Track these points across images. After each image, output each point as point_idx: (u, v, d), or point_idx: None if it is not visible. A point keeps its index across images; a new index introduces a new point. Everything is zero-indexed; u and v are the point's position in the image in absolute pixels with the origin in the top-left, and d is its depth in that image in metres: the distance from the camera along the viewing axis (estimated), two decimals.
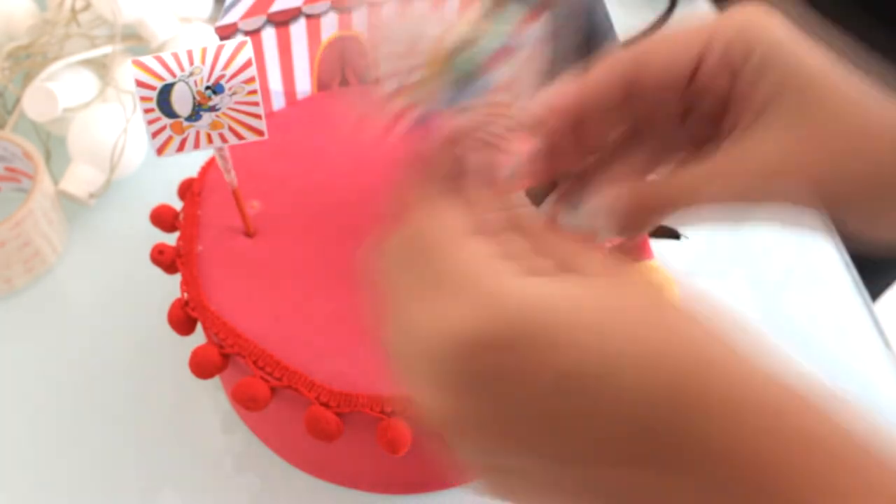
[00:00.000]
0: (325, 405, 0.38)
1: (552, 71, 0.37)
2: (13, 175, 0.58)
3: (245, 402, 0.38)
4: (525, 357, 0.21)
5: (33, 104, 0.56)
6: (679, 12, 0.79)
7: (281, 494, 0.46)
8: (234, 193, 0.42)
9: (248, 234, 0.44)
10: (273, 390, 0.39)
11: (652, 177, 0.31)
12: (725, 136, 0.29)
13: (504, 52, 0.26)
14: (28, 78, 0.60)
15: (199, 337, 0.43)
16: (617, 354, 0.21)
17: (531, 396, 0.21)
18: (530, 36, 0.26)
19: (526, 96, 0.26)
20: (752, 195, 0.28)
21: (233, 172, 0.40)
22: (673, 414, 0.20)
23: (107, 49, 0.59)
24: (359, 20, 0.49)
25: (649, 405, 0.20)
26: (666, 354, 0.21)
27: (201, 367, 0.40)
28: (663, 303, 0.22)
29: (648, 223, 0.30)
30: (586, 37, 0.38)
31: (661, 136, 0.31)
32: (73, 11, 0.60)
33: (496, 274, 0.22)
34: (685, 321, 0.22)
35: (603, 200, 0.29)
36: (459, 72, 0.26)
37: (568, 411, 0.21)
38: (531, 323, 0.21)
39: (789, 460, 0.20)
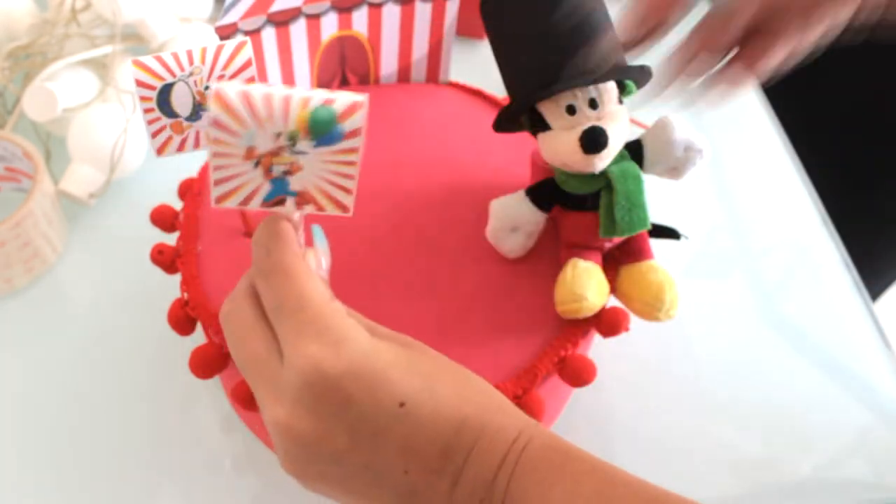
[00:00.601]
0: None
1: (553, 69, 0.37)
2: (13, 175, 0.58)
3: (245, 401, 0.38)
4: (370, 387, 0.29)
5: (33, 104, 0.56)
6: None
7: (281, 494, 0.46)
8: None
9: (248, 234, 0.44)
10: None
11: None
12: None
13: (354, 105, 0.30)
14: (28, 78, 0.60)
15: (199, 337, 0.43)
16: (429, 395, 0.30)
17: (373, 417, 0.29)
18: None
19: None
20: None
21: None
22: (461, 440, 0.30)
23: (107, 49, 0.59)
24: (359, 20, 0.49)
25: (451, 433, 0.30)
26: (453, 403, 0.31)
27: (201, 366, 0.40)
28: (444, 368, 0.32)
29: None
30: (586, 37, 0.38)
31: None
32: (73, 11, 0.60)
33: (349, 327, 0.30)
34: (457, 379, 0.32)
35: None
36: (317, 125, 0.30)
37: (398, 430, 0.30)
38: (376, 363, 0.30)
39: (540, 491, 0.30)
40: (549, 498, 0.29)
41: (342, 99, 0.30)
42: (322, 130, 0.30)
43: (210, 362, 0.40)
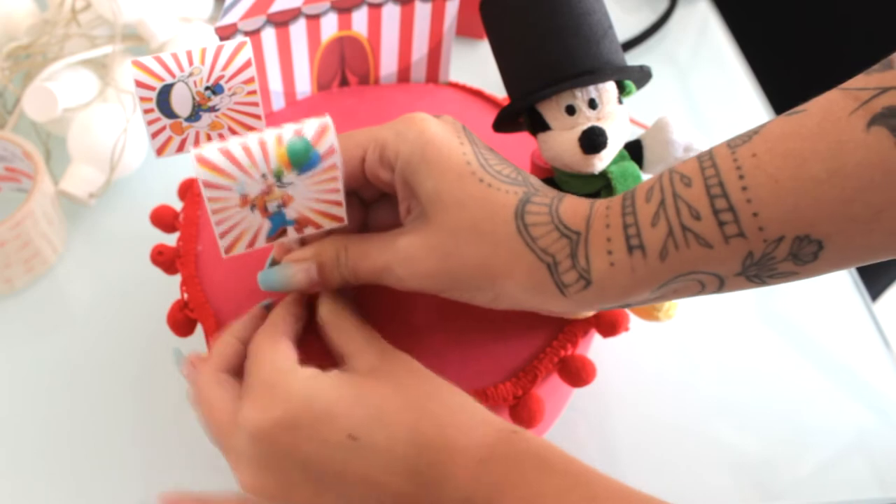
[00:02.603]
0: None
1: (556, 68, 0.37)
2: (13, 175, 0.58)
3: None
4: (312, 428, 0.30)
5: (33, 104, 0.56)
6: (679, 12, 0.79)
7: None
8: None
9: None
10: None
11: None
12: (403, 216, 0.36)
13: (322, 128, 0.32)
14: (28, 78, 0.60)
15: (199, 336, 0.43)
16: (379, 423, 0.31)
17: (327, 456, 0.30)
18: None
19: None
20: (395, 272, 0.34)
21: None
22: (424, 459, 0.30)
23: (107, 49, 0.59)
24: (359, 20, 0.49)
25: (413, 455, 0.30)
26: (408, 425, 0.31)
27: None
28: (400, 391, 0.32)
29: (329, 281, 0.36)
30: (585, 37, 0.38)
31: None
32: (73, 11, 0.60)
33: (284, 378, 0.32)
34: (419, 401, 0.32)
35: (291, 256, 0.36)
36: (296, 156, 0.32)
37: (356, 462, 0.30)
38: (314, 403, 0.31)
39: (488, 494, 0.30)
40: None
41: (309, 125, 0.32)
42: (302, 160, 0.32)
43: None
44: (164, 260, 0.44)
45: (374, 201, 0.39)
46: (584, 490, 0.29)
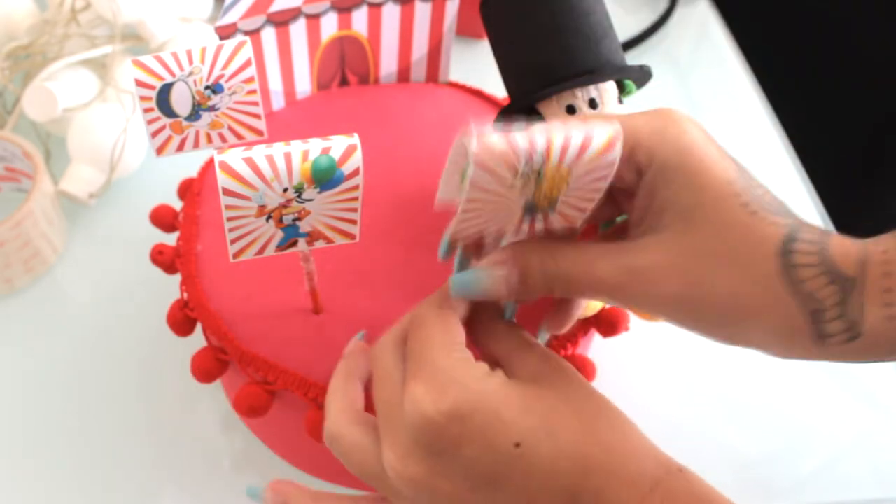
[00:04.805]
0: (323, 408, 0.38)
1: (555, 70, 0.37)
2: (13, 175, 0.58)
3: (246, 411, 0.38)
4: (480, 428, 0.28)
5: (33, 104, 0.56)
6: (679, 12, 0.79)
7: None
8: None
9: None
10: (272, 394, 0.39)
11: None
12: (635, 225, 0.32)
13: (350, 148, 0.31)
14: (28, 78, 0.60)
15: (199, 336, 0.43)
16: (546, 434, 0.29)
17: (489, 459, 0.28)
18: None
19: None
20: (628, 290, 0.31)
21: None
22: (589, 482, 0.28)
23: (107, 49, 0.59)
24: (359, 20, 0.49)
25: (577, 474, 0.28)
26: (575, 443, 0.29)
27: (203, 372, 0.40)
28: (569, 405, 0.30)
29: (530, 291, 0.32)
30: (585, 37, 0.38)
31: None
32: (73, 11, 0.60)
33: (462, 371, 0.29)
34: (586, 417, 0.30)
35: (489, 260, 0.33)
36: (320, 174, 0.32)
37: (516, 471, 0.28)
38: (487, 404, 0.29)
39: None
40: None
41: (338, 144, 0.31)
42: (325, 178, 0.32)
43: (211, 368, 0.40)
44: (165, 259, 0.44)
45: None
46: None
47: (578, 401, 0.30)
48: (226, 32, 0.44)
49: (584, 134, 0.28)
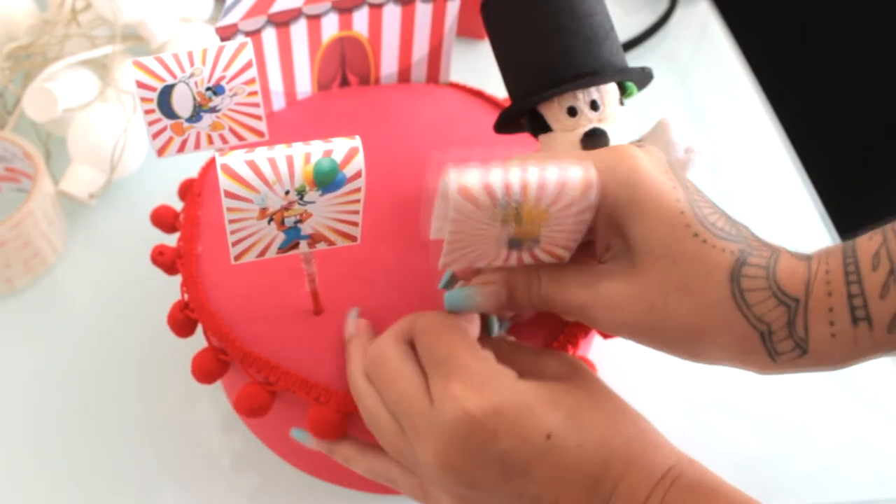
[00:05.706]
0: (326, 405, 0.38)
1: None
2: (13, 175, 0.58)
3: (247, 412, 0.38)
4: (514, 423, 0.31)
5: (33, 104, 0.56)
6: (679, 13, 0.79)
7: (281, 494, 0.46)
8: None
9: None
10: (273, 394, 0.39)
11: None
12: (601, 252, 0.35)
13: (352, 150, 0.32)
14: (28, 78, 0.60)
15: (199, 336, 0.43)
16: (573, 427, 0.31)
17: (521, 451, 0.31)
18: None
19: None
20: (593, 314, 0.34)
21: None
22: (610, 471, 0.31)
23: (107, 49, 0.59)
24: (359, 21, 0.49)
25: (599, 464, 0.31)
26: (600, 434, 0.32)
27: (203, 373, 0.40)
28: (591, 400, 0.33)
29: (517, 307, 0.36)
30: (587, 38, 0.38)
31: None
32: (73, 11, 0.60)
33: (494, 372, 0.32)
34: (604, 415, 0.33)
35: (481, 279, 0.36)
36: (322, 176, 0.32)
37: (547, 461, 0.31)
38: (520, 401, 0.31)
39: None
40: None
41: (340, 147, 0.32)
42: (327, 181, 0.32)
43: (212, 369, 0.40)
44: (165, 260, 0.44)
45: None
46: None
47: (600, 398, 0.33)
48: (227, 33, 0.44)
49: (558, 177, 0.30)
